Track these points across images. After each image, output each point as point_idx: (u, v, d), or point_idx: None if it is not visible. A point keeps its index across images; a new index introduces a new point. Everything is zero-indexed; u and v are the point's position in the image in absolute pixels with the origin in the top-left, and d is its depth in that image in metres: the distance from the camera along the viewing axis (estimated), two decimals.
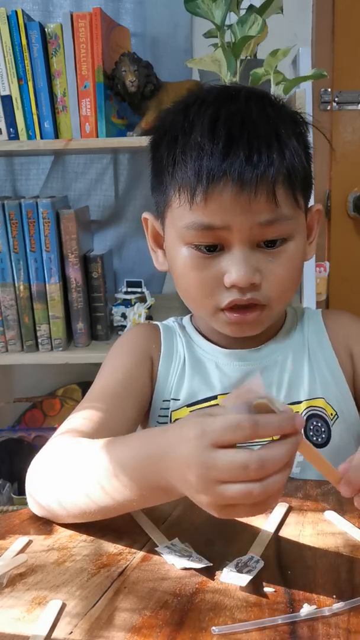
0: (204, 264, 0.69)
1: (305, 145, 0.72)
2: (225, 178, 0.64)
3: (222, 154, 0.64)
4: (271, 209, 0.66)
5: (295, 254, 0.70)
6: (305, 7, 1.63)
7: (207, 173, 0.65)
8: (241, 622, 0.47)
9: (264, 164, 0.64)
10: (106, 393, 0.75)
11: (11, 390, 1.77)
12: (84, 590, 0.52)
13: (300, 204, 0.70)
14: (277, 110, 0.70)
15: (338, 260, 1.78)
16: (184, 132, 0.68)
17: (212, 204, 0.66)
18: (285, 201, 0.67)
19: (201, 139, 0.66)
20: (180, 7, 1.23)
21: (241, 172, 0.64)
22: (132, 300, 1.50)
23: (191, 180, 0.66)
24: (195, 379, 0.78)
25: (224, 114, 0.66)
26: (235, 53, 1.20)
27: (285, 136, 0.67)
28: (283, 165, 0.66)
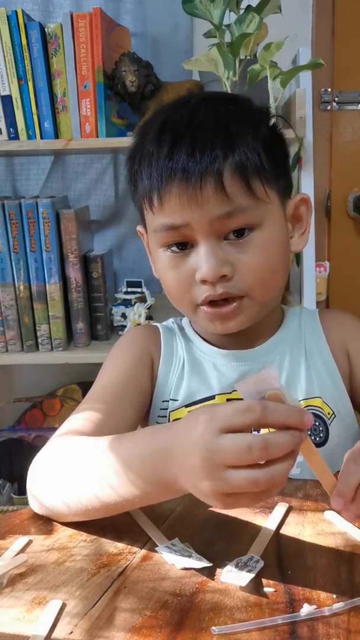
0: (177, 263, 0.71)
1: (272, 141, 0.72)
2: (172, 177, 0.67)
3: (166, 155, 0.67)
4: (223, 201, 0.67)
5: (265, 243, 0.70)
6: (305, 7, 1.63)
7: (156, 177, 0.68)
8: (241, 622, 0.47)
9: (207, 159, 0.66)
10: (106, 394, 0.75)
11: (11, 390, 1.77)
12: (84, 590, 0.52)
13: (260, 192, 0.69)
14: (235, 107, 0.71)
15: (338, 260, 1.78)
16: (140, 145, 0.72)
17: (168, 205, 0.68)
18: (238, 192, 0.67)
19: (150, 147, 0.69)
20: (181, 7, 1.23)
21: (184, 168, 0.66)
22: (132, 300, 1.50)
23: (147, 187, 0.69)
24: (193, 380, 0.79)
25: (172, 120, 0.70)
26: (233, 52, 1.20)
27: (237, 131, 0.68)
28: (231, 158, 0.66)
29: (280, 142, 0.76)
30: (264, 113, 0.75)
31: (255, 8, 1.22)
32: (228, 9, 1.22)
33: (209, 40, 1.32)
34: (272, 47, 1.17)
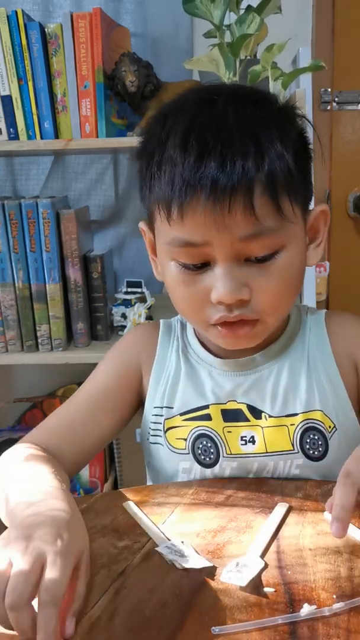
0: (191, 280, 0.66)
1: (299, 145, 0.67)
2: (198, 193, 0.61)
3: (193, 167, 0.61)
4: (251, 223, 0.61)
5: (288, 265, 0.66)
6: (305, 6, 1.63)
7: (179, 188, 0.61)
8: (241, 622, 0.47)
9: (237, 176, 0.60)
10: (84, 403, 0.78)
11: (11, 390, 1.77)
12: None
13: (288, 212, 0.64)
14: (263, 109, 0.65)
15: (338, 260, 1.78)
16: (159, 144, 0.64)
17: (189, 221, 0.62)
18: (267, 213, 0.62)
19: (174, 152, 0.62)
20: (181, 7, 1.23)
21: (213, 186, 0.60)
22: (132, 301, 1.50)
23: (166, 196, 0.63)
24: (188, 387, 0.77)
25: (198, 123, 0.62)
26: (234, 52, 1.20)
27: (267, 139, 0.62)
28: (262, 174, 0.61)
29: (306, 145, 0.70)
30: (291, 113, 0.69)
31: (255, 8, 1.22)
32: (228, 9, 1.22)
33: (209, 40, 1.32)
34: (274, 49, 1.17)
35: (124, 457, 1.60)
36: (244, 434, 0.74)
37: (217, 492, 0.69)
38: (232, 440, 0.75)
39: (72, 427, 0.76)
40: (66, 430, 0.76)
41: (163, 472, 0.79)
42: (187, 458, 0.76)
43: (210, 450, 0.75)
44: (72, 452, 0.75)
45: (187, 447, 0.75)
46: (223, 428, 0.75)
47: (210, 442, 0.75)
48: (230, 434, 0.75)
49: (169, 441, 0.77)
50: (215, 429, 0.75)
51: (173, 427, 0.77)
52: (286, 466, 0.73)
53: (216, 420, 0.75)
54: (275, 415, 0.74)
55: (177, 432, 0.76)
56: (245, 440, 0.74)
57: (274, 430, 0.74)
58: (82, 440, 0.76)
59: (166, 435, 0.77)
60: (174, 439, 0.76)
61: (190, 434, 0.76)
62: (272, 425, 0.74)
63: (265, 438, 0.74)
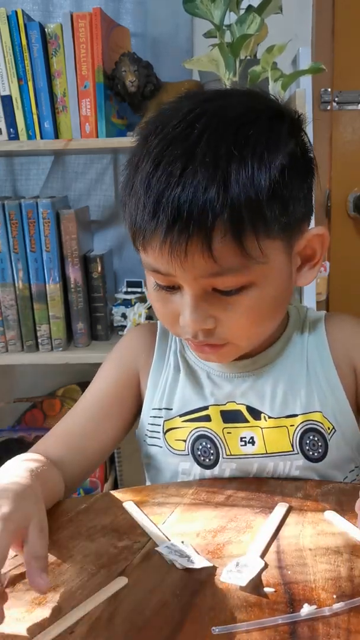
0: (165, 298, 0.67)
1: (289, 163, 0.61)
2: (156, 233, 0.60)
3: (151, 211, 0.59)
4: (209, 265, 0.59)
5: (256, 301, 0.64)
6: (305, 6, 1.63)
7: (140, 224, 0.61)
8: (241, 622, 0.47)
9: (195, 220, 0.57)
10: (86, 410, 0.79)
11: (11, 390, 1.77)
12: (84, 590, 0.52)
13: (254, 252, 0.60)
14: (248, 132, 0.60)
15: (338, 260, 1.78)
16: (135, 169, 0.63)
17: (151, 253, 0.62)
18: (227, 254, 0.59)
19: (139, 185, 0.61)
20: (181, 7, 1.23)
21: (169, 230, 0.58)
22: (132, 300, 1.50)
23: (132, 225, 0.63)
24: (187, 388, 0.77)
25: (167, 158, 0.59)
26: (234, 52, 1.20)
27: (238, 173, 0.58)
28: (225, 215, 0.57)
29: (300, 167, 0.65)
30: (287, 130, 0.63)
31: (256, 8, 1.22)
32: (229, 9, 1.22)
33: (209, 40, 1.32)
34: (274, 50, 1.17)
35: (124, 457, 1.60)
36: (244, 434, 0.74)
37: (217, 492, 0.69)
38: (232, 441, 0.74)
39: (75, 437, 0.77)
40: (69, 440, 0.77)
41: (162, 474, 0.79)
42: (186, 459, 0.76)
43: (210, 452, 0.75)
44: (77, 461, 0.76)
45: (186, 448, 0.75)
46: (223, 429, 0.75)
47: (210, 443, 0.75)
48: (230, 435, 0.75)
49: (168, 442, 0.77)
50: (215, 430, 0.75)
51: (172, 429, 0.77)
52: (286, 467, 0.73)
53: (216, 422, 0.75)
54: (275, 417, 0.74)
55: (176, 434, 0.76)
56: (245, 441, 0.74)
57: (273, 431, 0.74)
58: (85, 449, 0.77)
59: (165, 436, 0.77)
60: (173, 440, 0.76)
61: (190, 435, 0.76)
62: (271, 427, 0.74)
63: (265, 439, 0.74)
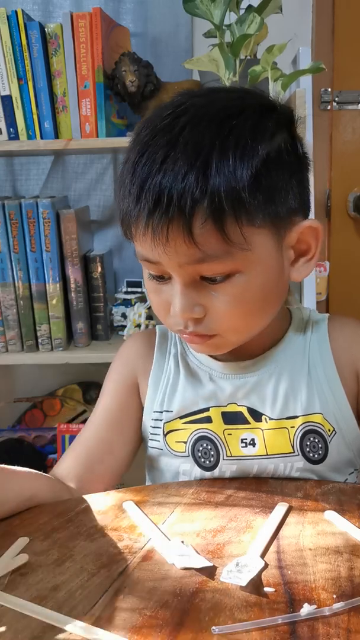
0: (158, 289, 0.68)
1: (275, 158, 0.62)
2: (139, 220, 0.62)
3: (135, 197, 0.61)
4: (191, 251, 0.61)
5: (244, 289, 0.64)
6: (305, 6, 1.63)
7: (125, 213, 0.64)
8: (241, 622, 0.47)
9: (174, 205, 0.59)
10: (97, 429, 0.80)
11: (11, 390, 1.77)
12: (84, 590, 0.52)
13: (237, 239, 0.60)
14: (232, 126, 0.61)
15: (338, 260, 1.78)
16: (125, 161, 0.65)
17: (138, 243, 0.65)
18: (209, 240, 0.60)
19: (125, 176, 0.64)
20: (181, 7, 1.23)
21: (149, 218, 0.61)
22: (133, 300, 1.50)
23: (121, 214, 0.65)
24: (188, 391, 0.77)
25: (150, 149, 0.61)
26: (234, 52, 1.20)
27: (220, 164, 0.59)
28: (205, 202, 0.58)
29: (289, 160, 0.65)
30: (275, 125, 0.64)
31: (256, 8, 1.22)
32: (228, 9, 1.22)
33: (209, 40, 1.32)
34: (274, 50, 1.17)
35: None
36: (244, 436, 0.74)
37: (217, 492, 0.69)
38: (233, 442, 0.74)
39: (90, 453, 0.78)
40: (86, 456, 0.78)
41: (163, 475, 0.79)
42: (187, 461, 0.76)
43: (210, 453, 0.75)
44: (97, 475, 0.77)
45: (187, 450, 0.75)
46: (223, 430, 0.75)
47: (211, 444, 0.75)
48: (231, 436, 0.75)
49: (168, 444, 0.77)
50: (215, 431, 0.75)
51: (173, 430, 0.77)
52: (286, 469, 0.73)
53: (216, 423, 0.75)
54: (276, 418, 0.74)
55: (177, 435, 0.76)
56: (246, 442, 0.74)
57: (274, 432, 0.74)
58: (102, 462, 0.78)
59: (166, 438, 0.77)
60: (173, 442, 0.76)
61: (191, 437, 0.76)
62: (272, 428, 0.74)
63: (266, 441, 0.74)
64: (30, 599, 0.51)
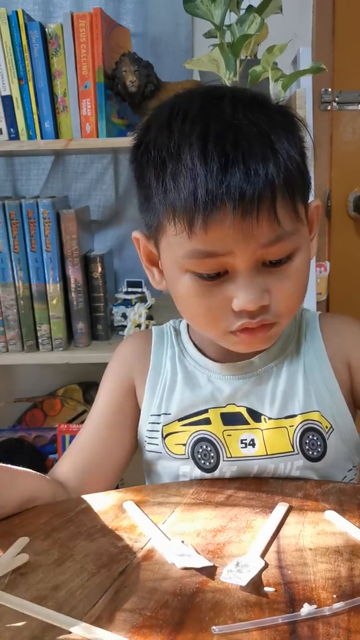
0: (208, 291, 0.65)
1: (299, 144, 0.66)
2: (225, 205, 0.59)
3: (217, 178, 0.59)
4: (273, 230, 0.62)
5: (302, 266, 0.67)
6: (305, 7, 1.63)
7: (204, 200, 0.60)
8: (241, 622, 0.47)
9: (262, 184, 0.59)
10: (93, 431, 0.80)
11: (11, 390, 1.77)
12: (84, 590, 0.52)
13: (302, 214, 0.65)
14: (266, 112, 0.64)
15: (338, 260, 1.78)
16: (171, 155, 0.62)
17: (213, 232, 0.61)
18: (287, 217, 0.62)
19: (192, 163, 0.60)
20: (181, 7, 1.23)
21: (241, 197, 0.59)
22: (133, 300, 1.50)
23: (187, 209, 0.61)
24: (186, 393, 0.77)
25: (213, 132, 0.61)
26: (234, 52, 1.20)
27: (279, 143, 0.62)
28: (281, 179, 0.61)
29: (304, 143, 0.69)
30: (291, 114, 0.69)
31: (256, 8, 1.22)
32: (229, 9, 1.22)
33: (209, 40, 1.32)
34: (274, 50, 1.17)
35: None
36: (244, 437, 0.74)
37: (217, 492, 0.69)
38: (232, 443, 0.74)
39: (87, 455, 0.78)
40: (83, 458, 0.78)
41: (162, 479, 0.79)
42: (186, 463, 0.75)
43: (210, 455, 0.75)
44: (94, 477, 0.77)
45: (186, 452, 0.75)
46: (223, 431, 0.75)
47: (210, 446, 0.75)
48: (230, 437, 0.75)
49: (167, 447, 0.77)
50: (215, 432, 0.75)
51: (172, 433, 0.77)
52: (286, 468, 0.73)
53: (216, 424, 0.75)
54: (275, 417, 0.74)
55: (176, 438, 0.76)
56: (245, 443, 0.74)
57: (273, 432, 0.74)
58: (100, 465, 0.78)
59: (165, 441, 0.77)
60: (173, 444, 0.76)
61: (190, 439, 0.75)
62: (271, 428, 0.74)
63: (265, 441, 0.74)
64: (30, 599, 0.51)
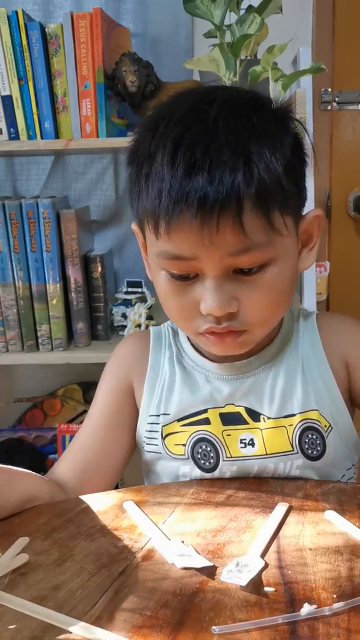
0: (181, 290, 0.66)
1: (293, 152, 0.65)
2: (185, 210, 0.60)
3: (180, 183, 0.59)
4: (239, 240, 0.61)
5: (277, 278, 0.65)
6: (305, 7, 1.63)
7: (166, 205, 0.60)
8: (241, 622, 0.47)
9: (225, 193, 0.58)
10: (92, 431, 0.80)
11: (11, 390, 1.77)
12: (84, 590, 0.52)
13: (279, 225, 0.63)
14: (258, 118, 0.63)
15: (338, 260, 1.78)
16: (148, 156, 0.63)
17: (176, 236, 0.62)
18: (256, 228, 0.61)
19: (161, 167, 0.61)
20: (181, 7, 1.23)
21: (201, 203, 0.59)
22: (133, 300, 1.50)
23: (154, 211, 0.62)
24: (185, 393, 0.77)
25: (188, 137, 0.60)
26: (234, 52, 1.20)
27: (258, 152, 0.60)
28: (252, 189, 0.59)
29: (300, 150, 0.68)
30: (287, 117, 0.67)
31: (256, 8, 1.22)
32: (229, 9, 1.22)
33: (209, 40, 1.32)
34: (274, 50, 1.17)
35: None
36: (243, 436, 0.74)
37: (217, 492, 0.69)
38: (232, 443, 0.74)
39: (86, 455, 0.78)
40: (81, 459, 0.78)
41: (162, 480, 0.79)
42: (186, 463, 0.75)
43: (210, 455, 0.75)
44: (93, 477, 0.77)
45: (186, 452, 0.75)
46: (222, 431, 0.75)
47: (210, 446, 0.75)
48: (230, 437, 0.75)
49: (167, 447, 0.77)
50: (214, 432, 0.75)
51: (171, 433, 0.77)
52: (286, 468, 0.73)
53: (215, 424, 0.75)
54: (274, 417, 0.74)
55: (175, 438, 0.76)
56: (245, 443, 0.74)
57: (273, 431, 0.74)
58: (99, 465, 0.78)
59: (164, 441, 0.77)
60: (172, 444, 0.76)
61: (190, 439, 0.75)
62: (270, 427, 0.74)
63: (265, 440, 0.74)
64: (30, 599, 0.51)
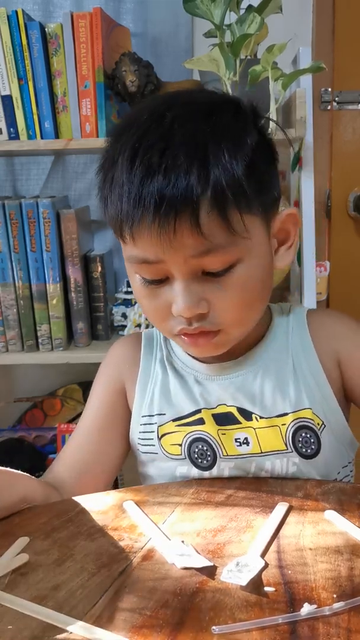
0: (153, 293, 0.68)
1: (256, 152, 0.64)
2: (143, 216, 0.61)
3: (137, 190, 0.61)
4: (199, 242, 0.61)
5: (245, 278, 0.66)
6: (305, 6, 1.63)
7: (126, 211, 0.62)
8: (241, 622, 0.47)
9: (180, 196, 0.59)
10: (86, 433, 0.80)
11: (11, 390, 1.77)
12: (84, 590, 0.52)
13: (239, 227, 0.63)
14: (216, 120, 0.63)
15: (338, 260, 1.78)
16: (112, 163, 0.65)
17: (140, 241, 0.63)
18: (215, 230, 0.61)
19: (121, 174, 0.63)
20: (181, 7, 1.23)
21: (156, 208, 0.60)
22: (133, 300, 1.50)
23: (117, 218, 0.64)
24: (178, 394, 0.77)
25: (145, 144, 0.62)
26: (234, 52, 1.20)
27: (215, 155, 0.60)
28: (208, 192, 0.60)
29: (267, 151, 0.69)
30: (250, 118, 0.67)
31: (256, 8, 1.22)
32: (229, 9, 1.22)
33: (209, 40, 1.32)
34: (274, 49, 1.17)
35: None
36: (237, 436, 0.75)
37: (217, 492, 0.69)
38: (227, 442, 0.75)
39: (80, 457, 0.79)
40: (76, 461, 0.79)
41: (159, 481, 0.79)
42: (183, 463, 0.76)
43: (206, 453, 0.75)
44: (88, 478, 0.77)
45: (182, 452, 0.75)
46: (217, 431, 0.75)
47: (206, 445, 0.75)
48: (225, 436, 0.75)
49: (164, 447, 0.77)
50: (209, 432, 0.75)
51: (167, 434, 0.77)
52: (283, 465, 0.74)
53: (209, 424, 0.75)
54: (266, 416, 0.74)
55: (171, 438, 0.76)
56: (240, 441, 0.74)
57: (266, 431, 0.74)
58: (95, 466, 0.79)
59: (161, 442, 0.77)
60: (168, 445, 0.76)
61: (185, 439, 0.76)
62: (264, 427, 0.74)
63: (259, 439, 0.74)
64: (30, 599, 0.51)
